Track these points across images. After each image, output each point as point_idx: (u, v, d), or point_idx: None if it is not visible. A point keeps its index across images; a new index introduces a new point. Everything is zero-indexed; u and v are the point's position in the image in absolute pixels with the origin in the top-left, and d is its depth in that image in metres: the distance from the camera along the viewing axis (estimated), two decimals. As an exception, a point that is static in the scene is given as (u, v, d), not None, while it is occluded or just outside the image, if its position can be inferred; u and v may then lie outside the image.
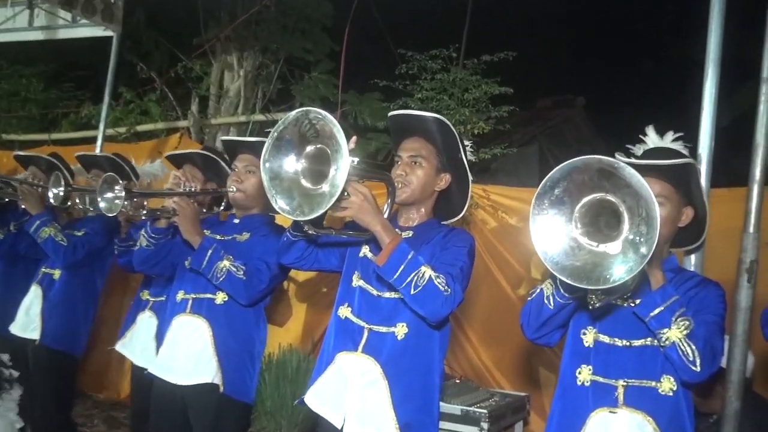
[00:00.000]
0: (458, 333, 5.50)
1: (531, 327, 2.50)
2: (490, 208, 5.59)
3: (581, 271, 2.04)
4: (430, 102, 6.21)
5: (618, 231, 2.02)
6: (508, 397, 4.58)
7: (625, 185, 1.98)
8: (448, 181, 2.89)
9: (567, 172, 2.05)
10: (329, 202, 2.23)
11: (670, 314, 2.19)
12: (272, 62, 8.71)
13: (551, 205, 2.09)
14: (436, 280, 2.53)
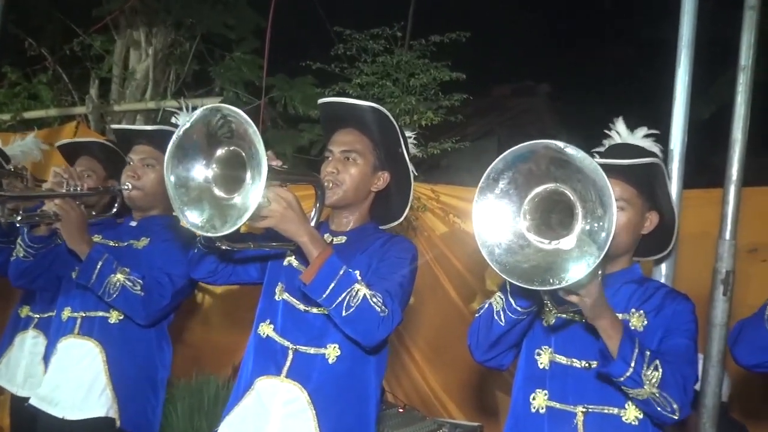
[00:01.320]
0: (403, 354, 5.51)
1: (480, 348, 2.49)
2: (439, 211, 5.61)
3: (532, 272, 2.03)
4: (371, 88, 6.22)
5: (571, 226, 2.02)
6: (459, 428, 4.61)
7: (576, 170, 1.98)
8: (386, 180, 2.88)
9: (512, 162, 2.05)
10: (244, 214, 2.19)
11: (641, 369, 2.18)
12: (187, 39, 8.61)
13: (497, 199, 2.08)
14: (371, 299, 2.52)
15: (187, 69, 8.55)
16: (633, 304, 2.48)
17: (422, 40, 6.40)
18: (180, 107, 3.19)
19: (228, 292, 6.02)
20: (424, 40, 6.39)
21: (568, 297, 2.10)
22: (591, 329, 2.25)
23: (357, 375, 2.76)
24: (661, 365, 2.20)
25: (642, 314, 2.44)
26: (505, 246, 2.07)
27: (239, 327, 5.92)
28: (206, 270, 2.81)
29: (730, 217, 3.03)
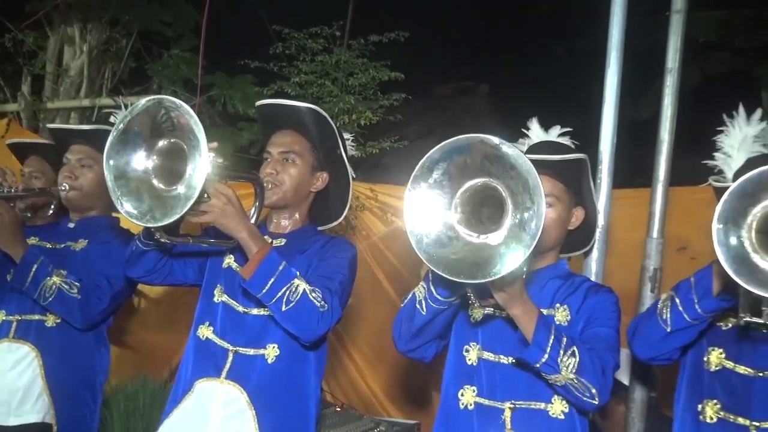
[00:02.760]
0: (341, 353, 5.52)
1: (403, 338, 2.51)
2: (378, 211, 5.64)
3: (459, 265, 2.05)
4: (310, 87, 6.23)
5: (501, 222, 2.04)
6: (397, 426, 4.65)
7: (509, 167, 2.01)
8: (325, 180, 2.92)
9: (448, 153, 2.07)
10: (185, 205, 2.21)
11: (557, 356, 2.22)
12: (123, 36, 8.49)
13: (429, 189, 2.10)
14: (311, 294, 2.55)
15: (123, 66, 8.42)
16: (558, 299, 2.54)
17: (361, 39, 6.43)
18: (116, 105, 3.18)
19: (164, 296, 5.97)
20: (363, 39, 6.42)
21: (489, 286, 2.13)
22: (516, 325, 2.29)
23: (296, 375, 2.78)
24: (579, 351, 2.24)
25: (567, 308, 2.51)
26: (434, 236, 2.08)
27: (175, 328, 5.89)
28: (144, 269, 2.81)
29: (658, 215, 3.13)
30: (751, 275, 1.95)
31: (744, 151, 2.60)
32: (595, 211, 2.79)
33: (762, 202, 1.99)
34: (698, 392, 2.49)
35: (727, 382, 2.43)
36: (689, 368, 2.53)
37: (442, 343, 2.60)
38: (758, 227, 1.99)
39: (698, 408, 2.46)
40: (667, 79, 3.14)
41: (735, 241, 1.98)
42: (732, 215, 1.98)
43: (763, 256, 1.98)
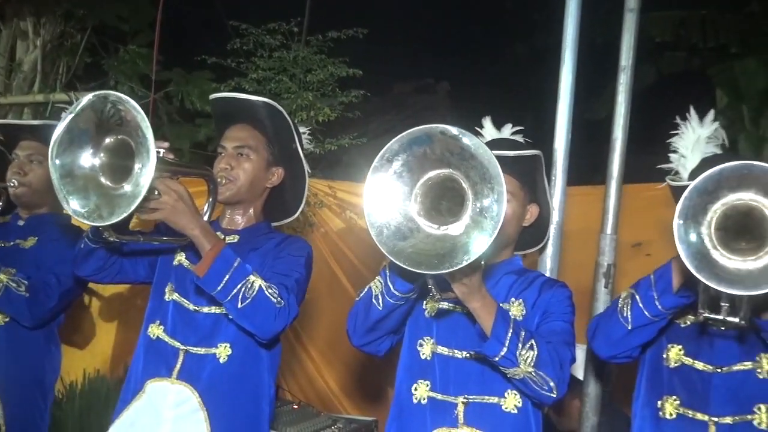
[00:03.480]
0: (299, 351, 5.51)
1: (357, 332, 2.51)
2: (336, 207, 5.64)
3: (419, 256, 2.04)
4: (268, 83, 6.19)
5: (461, 213, 2.04)
6: (354, 423, 4.64)
7: (469, 157, 2.01)
8: (281, 176, 2.90)
9: (407, 144, 2.06)
10: (132, 204, 2.18)
11: (515, 349, 2.23)
12: (78, 31, 8.37)
13: (389, 180, 2.09)
14: (267, 290, 2.54)
15: (78, 61, 8.30)
16: (513, 293, 2.55)
17: (319, 35, 6.40)
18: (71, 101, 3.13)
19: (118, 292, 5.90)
20: (321, 35, 6.40)
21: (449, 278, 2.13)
22: (472, 319, 2.30)
23: (249, 374, 2.77)
24: (537, 345, 2.26)
25: (521, 303, 2.52)
26: (394, 228, 2.07)
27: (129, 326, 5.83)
28: (93, 267, 2.77)
29: (612, 212, 3.16)
30: (710, 271, 1.99)
31: (698, 151, 2.64)
32: (550, 208, 2.81)
33: (721, 200, 2.02)
34: (658, 389, 2.51)
35: (687, 379, 2.46)
36: (648, 365, 2.56)
37: (396, 337, 2.60)
38: (717, 224, 2.03)
39: (658, 404, 2.49)
40: (620, 77, 3.17)
41: (695, 237, 2.01)
42: (693, 212, 2.01)
43: (722, 252, 2.02)
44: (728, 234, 2.04)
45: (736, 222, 2.04)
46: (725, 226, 2.03)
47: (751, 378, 2.39)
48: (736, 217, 2.03)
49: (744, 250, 2.03)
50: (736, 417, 2.38)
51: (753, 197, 2.01)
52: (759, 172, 1.97)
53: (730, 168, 2.00)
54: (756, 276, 1.98)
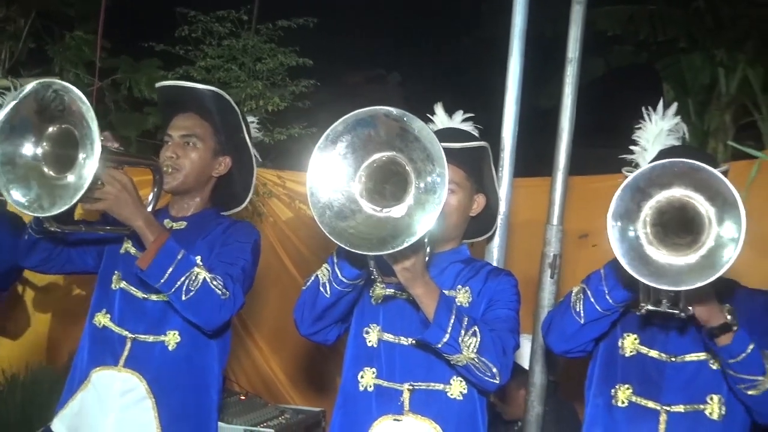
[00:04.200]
0: (247, 341, 5.49)
1: (305, 321, 2.49)
2: (285, 197, 5.63)
3: (361, 238, 2.05)
4: (217, 72, 6.16)
5: (404, 195, 2.04)
6: (301, 414, 4.65)
7: (413, 139, 2.02)
8: (228, 165, 2.88)
9: (352, 125, 2.06)
10: (74, 195, 2.16)
11: (458, 335, 2.24)
12: (21, 16, 8.19)
13: (333, 161, 2.08)
14: (212, 282, 2.53)
15: (21, 47, 8.13)
16: (460, 281, 2.57)
17: (269, 24, 6.37)
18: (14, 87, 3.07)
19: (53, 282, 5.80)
20: (271, 24, 6.37)
21: (391, 262, 2.14)
22: (417, 306, 2.30)
23: (198, 362, 2.76)
24: (480, 331, 2.28)
25: (468, 290, 2.54)
26: (337, 209, 2.07)
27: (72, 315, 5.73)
28: (39, 258, 2.73)
29: (558, 203, 3.19)
30: (645, 268, 2.02)
31: (659, 144, 2.68)
32: (497, 198, 2.84)
33: (655, 197, 2.05)
34: (611, 377, 2.54)
35: (641, 367, 2.49)
36: (602, 354, 2.58)
37: (344, 326, 2.60)
38: (653, 220, 2.06)
39: (611, 392, 2.52)
40: (567, 69, 3.20)
41: (630, 234, 2.05)
42: (626, 210, 2.04)
43: (657, 248, 2.05)
44: (664, 229, 2.08)
45: (671, 217, 2.07)
46: (661, 222, 2.07)
47: (705, 368, 2.43)
48: (672, 212, 2.07)
49: (679, 245, 2.07)
50: (687, 406, 2.42)
51: (685, 193, 2.04)
52: (689, 169, 2.02)
53: (661, 165, 2.04)
54: (688, 271, 2.02)
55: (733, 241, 1.97)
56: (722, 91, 8.19)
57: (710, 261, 1.99)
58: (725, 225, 1.98)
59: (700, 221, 2.03)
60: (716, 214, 2.00)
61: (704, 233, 2.02)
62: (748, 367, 2.23)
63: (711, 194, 2.00)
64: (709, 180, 2.00)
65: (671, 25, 7.89)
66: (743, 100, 8.11)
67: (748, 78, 7.97)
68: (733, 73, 8.03)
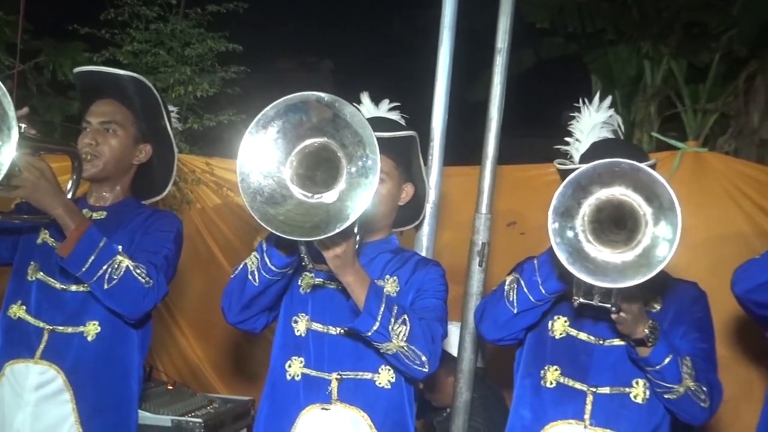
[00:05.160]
0: (174, 330, 5.42)
1: (233, 309, 2.47)
2: (213, 185, 5.55)
3: (292, 223, 2.03)
4: (144, 56, 6.08)
5: (336, 181, 2.04)
6: (230, 403, 4.61)
7: (345, 125, 2.01)
8: (148, 152, 2.84)
9: (283, 111, 2.04)
10: None
11: (388, 324, 2.25)
12: (-66, -4, 7.90)
13: (264, 147, 2.06)
14: (134, 270, 2.50)
15: (-65, 28, 7.85)
16: (388, 271, 2.56)
17: (198, 9, 6.29)
18: None
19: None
20: (200, 9, 6.29)
21: (322, 249, 2.13)
22: (347, 295, 2.30)
23: (118, 353, 2.72)
24: (410, 320, 2.29)
25: (396, 280, 2.54)
26: (267, 195, 2.06)
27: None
28: None
29: (486, 192, 3.19)
30: (582, 264, 2.05)
31: (593, 136, 2.71)
32: (425, 187, 2.84)
33: (595, 194, 2.08)
34: (540, 358, 2.57)
35: (570, 349, 2.52)
36: (532, 337, 2.60)
37: (272, 314, 2.58)
38: (591, 217, 2.09)
39: (540, 373, 2.55)
40: (496, 59, 3.20)
41: (569, 231, 2.07)
42: (567, 207, 2.07)
43: (595, 244, 2.08)
44: (601, 226, 2.11)
45: (609, 214, 2.10)
46: (598, 219, 2.10)
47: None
48: (609, 209, 2.10)
49: (616, 242, 2.10)
50: (613, 388, 2.47)
51: (624, 192, 2.07)
52: (628, 169, 2.05)
53: (602, 165, 2.07)
54: (623, 269, 2.05)
55: (667, 240, 2.00)
56: (647, 83, 8.36)
57: (646, 259, 2.03)
58: (661, 225, 2.02)
59: (637, 220, 2.07)
60: (653, 214, 2.04)
61: (640, 232, 2.06)
62: (665, 376, 2.30)
63: (649, 195, 2.04)
64: (649, 181, 2.03)
65: (599, 18, 8.00)
66: (667, 92, 8.29)
67: (672, 70, 8.15)
68: (658, 66, 8.20)
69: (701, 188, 4.44)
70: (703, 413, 2.38)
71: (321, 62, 12.81)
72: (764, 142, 7.75)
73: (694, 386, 2.32)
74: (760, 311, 2.55)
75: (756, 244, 4.00)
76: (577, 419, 2.47)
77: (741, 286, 2.49)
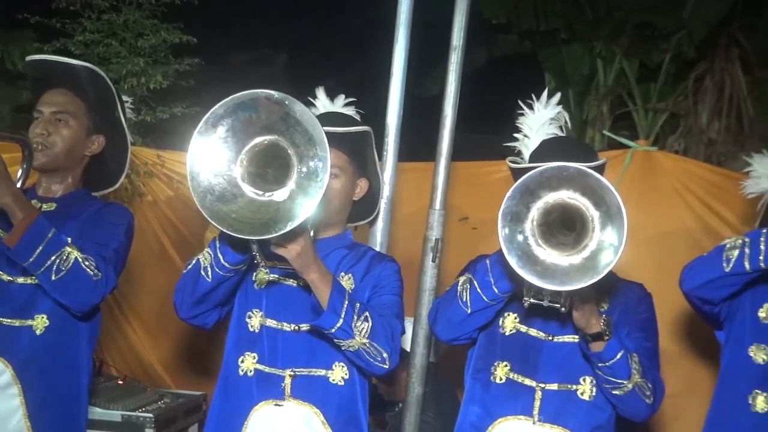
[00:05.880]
0: (124, 324, 5.37)
1: (185, 304, 2.46)
2: (165, 178, 5.51)
3: (244, 222, 2.04)
4: (96, 47, 6.01)
5: (286, 180, 2.05)
6: (181, 398, 4.59)
7: (295, 123, 2.02)
8: (101, 144, 2.81)
9: (233, 109, 2.05)
10: None
11: (351, 320, 2.27)
12: None
13: (213, 145, 2.06)
14: (83, 263, 2.48)
15: None
16: (343, 267, 2.57)
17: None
18: None
19: None
20: (153, 0, 6.23)
21: (278, 250, 2.13)
22: (302, 292, 2.32)
23: (67, 346, 2.70)
24: (371, 317, 2.32)
25: (351, 277, 2.55)
26: (218, 193, 2.06)
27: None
28: None
29: (440, 188, 3.22)
30: (532, 268, 2.09)
31: (542, 133, 2.73)
32: (380, 183, 2.85)
33: (543, 198, 2.11)
34: (491, 355, 2.59)
35: (520, 346, 2.55)
36: (484, 334, 2.62)
37: (224, 310, 2.58)
38: (540, 220, 2.12)
39: (490, 369, 2.57)
40: (451, 56, 3.22)
41: (519, 235, 2.10)
42: (516, 211, 2.10)
43: (544, 248, 2.11)
44: (550, 229, 2.14)
45: (557, 216, 2.14)
46: (547, 222, 2.13)
47: (579, 350, 2.49)
48: (558, 211, 2.13)
49: (564, 244, 2.14)
50: (561, 385, 2.50)
51: (573, 196, 2.10)
52: (576, 173, 2.08)
53: (550, 169, 2.10)
54: (571, 272, 2.09)
55: (613, 247, 2.04)
56: (600, 82, 8.46)
57: (592, 263, 2.07)
58: (608, 231, 2.06)
59: (585, 223, 2.10)
60: (600, 219, 2.07)
61: (587, 236, 2.09)
62: (616, 371, 2.33)
63: (597, 200, 2.07)
64: (597, 186, 2.07)
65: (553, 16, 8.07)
66: (619, 91, 8.40)
67: (624, 70, 8.27)
68: (610, 65, 8.30)
69: (651, 186, 4.52)
70: (646, 410, 2.43)
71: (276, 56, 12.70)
72: (712, 141, 7.91)
73: (642, 382, 2.37)
74: (706, 308, 2.62)
75: (703, 242, 4.08)
76: (526, 415, 2.51)
77: (688, 283, 2.56)
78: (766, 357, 2.59)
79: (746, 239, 2.43)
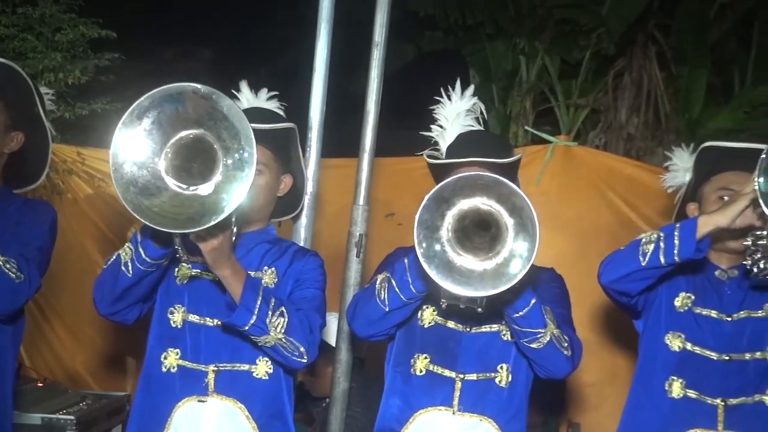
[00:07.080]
0: (44, 325, 5.28)
1: (105, 300, 2.44)
2: (85, 175, 5.42)
3: (166, 215, 2.03)
4: (11, 41, 5.88)
5: (212, 173, 2.05)
6: (104, 399, 4.54)
7: (222, 117, 2.03)
8: (21, 140, 2.76)
9: (159, 101, 2.03)
10: None
11: (265, 317, 2.27)
12: None
13: (138, 137, 2.04)
14: (5, 266, 2.44)
15: None
16: (266, 262, 2.59)
17: (70, -7, 6.12)
18: None
19: None
20: (72, -7, 6.11)
21: (197, 241, 2.13)
22: (223, 287, 2.31)
23: None
24: (287, 311, 2.33)
25: (274, 271, 2.57)
26: (141, 186, 2.04)
27: None
28: None
29: (364, 184, 3.27)
30: (448, 274, 2.12)
31: (458, 124, 2.77)
32: (304, 178, 2.87)
33: (458, 205, 2.14)
34: (411, 348, 2.62)
35: (439, 337, 2.59)
36: (403, 328, 2.65)
37: (145, 306, 2.56)
38: (454, 227, 2.15)
39: (410, 362, 2.61)
40: (374, 52, 3.27)
41: (436, 244, 2.13)
42: (431, 218, 2.12)
43: (460, 253, 2.14)
44: (466, 233, 2.17)
45: (472, 220, 2.17)
46: (463, 227, 2.16)
47: (497, 339, 2.57)
48: (473, 216, 2.16)
49: (479, 248, 2.17)
50: (480, 374, 2.56)
51: (488, 203, 2.14)
52: (493, 183, 2.12)
53: (465, 178, 2.14)
54: (483, 277, 2.13)
55: (522, 258, 2.09)
56: (523, 78, 8.59)
57: (504, 270, 2.11)
58: (520, 241, 2.10)
59: (500, 227, 2.13)
60: (514, 226, 2.11)
61: (501, 241, 2.13)
62: (531, 321, 2.35)
63: (511, 207, 2.11)
64: (511, 195, 2.11)
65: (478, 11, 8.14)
66: (542, 87, 8.54)
67: (546, 66, 8.41)
68: (532, 61, 8.42)
69: (571, 180, 4.65)
70: (566, 362, 2.45)
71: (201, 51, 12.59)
72: (631, 136, 8.10)
73: (558, 333, 2.39)
74: (623, 299, 2.69)
75: (621, 235, 4.18)
76: (446, 405, 2.55)
77: (606, 276, 2.61)
78: (681, 345, 2.68)
79: (661, 234, 2.47)
